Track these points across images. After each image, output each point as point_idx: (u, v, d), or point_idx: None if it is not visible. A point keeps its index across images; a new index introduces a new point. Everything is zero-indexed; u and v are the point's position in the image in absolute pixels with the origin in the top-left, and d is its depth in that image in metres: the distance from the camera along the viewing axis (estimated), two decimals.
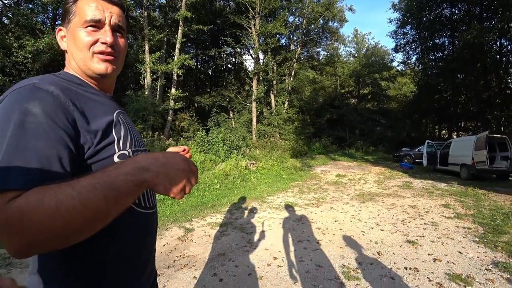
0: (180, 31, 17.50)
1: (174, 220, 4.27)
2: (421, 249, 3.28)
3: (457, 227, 4.11)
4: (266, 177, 8.52)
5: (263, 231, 3.87)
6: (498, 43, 18.51)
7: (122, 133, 0.67)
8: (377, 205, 5.52)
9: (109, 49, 0.67)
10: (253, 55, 18.67)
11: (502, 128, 16.75)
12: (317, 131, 23.91)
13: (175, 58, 17.24)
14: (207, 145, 12.89)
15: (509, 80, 19.21)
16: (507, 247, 3.29)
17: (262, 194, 6.31)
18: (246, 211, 4.91)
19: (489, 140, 8.71)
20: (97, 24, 0.66)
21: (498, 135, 10.14)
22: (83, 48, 0.66)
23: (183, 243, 3.41)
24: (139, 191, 0.48)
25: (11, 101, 0.52)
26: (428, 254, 3.13)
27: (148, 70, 15.60)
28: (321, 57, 28.57)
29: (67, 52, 0.70)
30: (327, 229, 3.99)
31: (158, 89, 17.20)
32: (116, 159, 0.62)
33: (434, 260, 2.98)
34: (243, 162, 9.62)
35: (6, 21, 11.41)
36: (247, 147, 16.83)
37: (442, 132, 24.06)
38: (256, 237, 3.66)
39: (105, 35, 0.66)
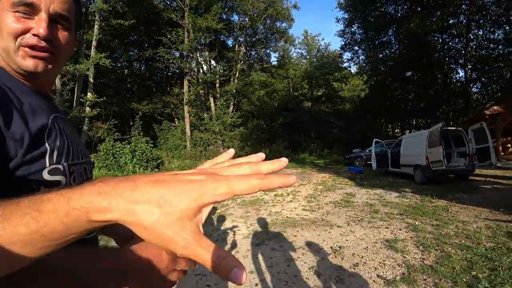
0: (96, 26, 15.00)
1: None
2: None
3: None
4: None
5: None
6: (440, 40, 18.32)
7: (58, 143, 0.54)
8: (279, 249, 3.21)
9: (42, 43, 0.53)
10: (184, 53, 16.12)
11: (451, 123, 16.12)
12: (272, 136, 22.19)
13: (90, 58, 14.58)
14: (112, 158, 10.08)
15: (453, 76, 19.18)
16: None
17: None
18: None
19: (444, 134, 7.03)
20: (29, 9, 0.52)
21: (453, 128, 8.64)
22: (8, 37, 0.52)
23: None
24: None
25: None
26: None
27: None
28: (272, 60, 27.29)
29: None
30: None
31: (75, 94, 14.37)
32: (46, 175, 0.50)
33: None
34: None
35: None
36: (180, 157, 14.28)
37: (396, 131, 23.46)
38: None
39: (39, 25, 0.52)
